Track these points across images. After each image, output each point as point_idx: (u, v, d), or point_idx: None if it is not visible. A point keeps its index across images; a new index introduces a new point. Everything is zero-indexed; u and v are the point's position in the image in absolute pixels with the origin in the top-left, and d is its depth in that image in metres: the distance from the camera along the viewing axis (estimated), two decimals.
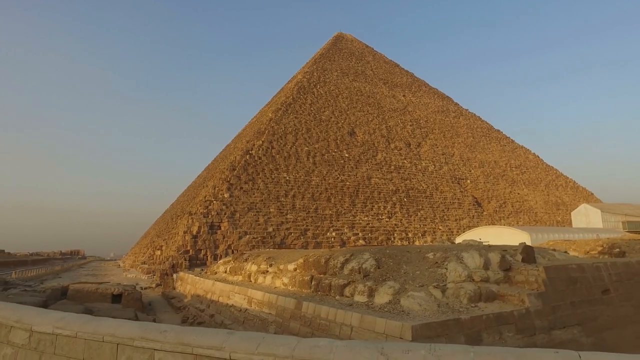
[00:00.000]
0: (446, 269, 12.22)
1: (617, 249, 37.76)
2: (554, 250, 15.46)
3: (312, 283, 15.03)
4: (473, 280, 11.83)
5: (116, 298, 24.84)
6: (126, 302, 24.55)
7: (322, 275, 15.15)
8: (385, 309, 10.79)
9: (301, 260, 16.95)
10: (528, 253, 13.47)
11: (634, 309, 13.20)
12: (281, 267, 18.53)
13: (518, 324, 10.30)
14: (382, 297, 11.58)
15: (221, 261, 29.07)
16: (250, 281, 21.10)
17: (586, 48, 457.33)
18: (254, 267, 21.41)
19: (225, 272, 25.59)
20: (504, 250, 14.03)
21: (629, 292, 13.53)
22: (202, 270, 33.25)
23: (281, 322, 13.96)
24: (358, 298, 12.38)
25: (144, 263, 62.92)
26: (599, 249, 39.64)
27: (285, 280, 17.21)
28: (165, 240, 63.85)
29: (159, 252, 59.51)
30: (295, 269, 17.30)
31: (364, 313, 10.35)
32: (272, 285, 18.23)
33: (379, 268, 13.22)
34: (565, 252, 17.14)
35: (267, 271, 19.76)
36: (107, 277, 55.23)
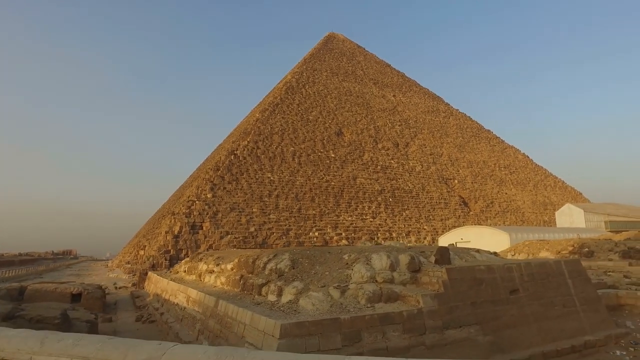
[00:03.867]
0: (352, 269, 12.57)
1: (586, 249, 38.17)
2: (477, 251, 15.77)
3: (240, 282, 15.41)
4: (376, 281, 12.16)
5: (76, 297, 25.21)
6: (85, 302, 24.93)
7: (249, 275, 15.53)
8: (283, 308, 11.14)
9: (236, 260, 17.34)
10: (442, 254, 13.78)
11: (542, 307, 13.51)
12: (222, 266, 18.92)
13: (406, 324, 10.61)
14: (286, 296, 11.95)
15: (183, 261, 29.51)
16: (201, 280, 21.50)
17: (577, 42, 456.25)
18: (205, 267, 21.81)
19: (184, 271, 25.99)
20: (421, 251, 14.38)
21: (540, 292, 13.84)
22: (169, 270, 33.67)
23: (204, 320, 14.36)
24: (270, 297, 12.73)
25: (128, 263, 63.45)
26: (570, 248, 40.05)
27: (223, 279, 17.61)
28: (148, 240, 64.36)
29: (142, 252, 59.99)
30: (232, 269, 17.69)
31: (257, 312, 10.71)
32: (214, 284, 18.61)
33: (293, 268, 13.58)
34: (495, 253, 17.42)
35: (213, 270, 20.15)
36: (89, 277, 55.70)
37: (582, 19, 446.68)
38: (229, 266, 18.08)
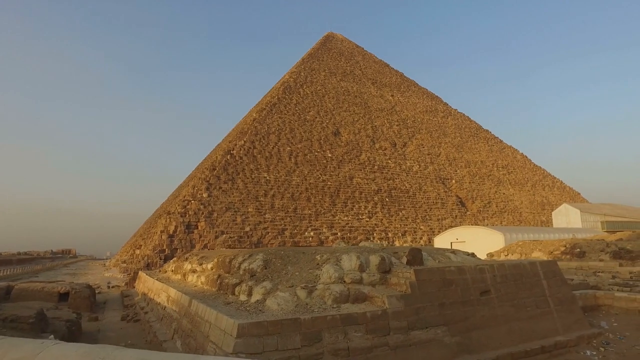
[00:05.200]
0: (321, 270, 12.63)
1: (578, 249, 38.12)
2: (453, 252, 15.80)
3: (217, 282, 15.51)
4: (344, 281, 12.22)
5: (64, 297, 25.38)
6: (73, 301, 25.09)
7: (226, 275, 15.62)
8: (249, 308, 11.23)
9: (215, 260, 17.45)
10: (414, 255, 13.84)
11: (514, 308, 13.54)
12: (204, 266, 19.03)
13: (369, 325, 10.66)
14: (255, 296, 12.04)
15: (172, 260, 29.65)
16: (185, 279, 21.62)
17: (576, 38, 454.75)
18: (189, 266, 21.91)
19: (172, 271, 26.12)
20: (394, 252, 14.43)
21: (513, 292, 13.87)
22: (159, 269, 33.82)
23: (179, 319, 14.47)
24: (242, 297, 12.83)
25: (124, 262, 63.69)
26: (562, 249, 39.98)
27: (203, 279, 17.71)
28: (144, 239, 64.58)
29: (138, 252, 60.21)
30: (211, 268, 17.79)
31: (222, 311, 10.79)
32: (196, 283, 18.72)
33: (265, 268, 13.65)
34: (472, 253, 17.44)
35: (196, 270, 20.27)
36: (85, 276, 56.01)
37: (581, 14, 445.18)
38: (209, 266, 18.20)
